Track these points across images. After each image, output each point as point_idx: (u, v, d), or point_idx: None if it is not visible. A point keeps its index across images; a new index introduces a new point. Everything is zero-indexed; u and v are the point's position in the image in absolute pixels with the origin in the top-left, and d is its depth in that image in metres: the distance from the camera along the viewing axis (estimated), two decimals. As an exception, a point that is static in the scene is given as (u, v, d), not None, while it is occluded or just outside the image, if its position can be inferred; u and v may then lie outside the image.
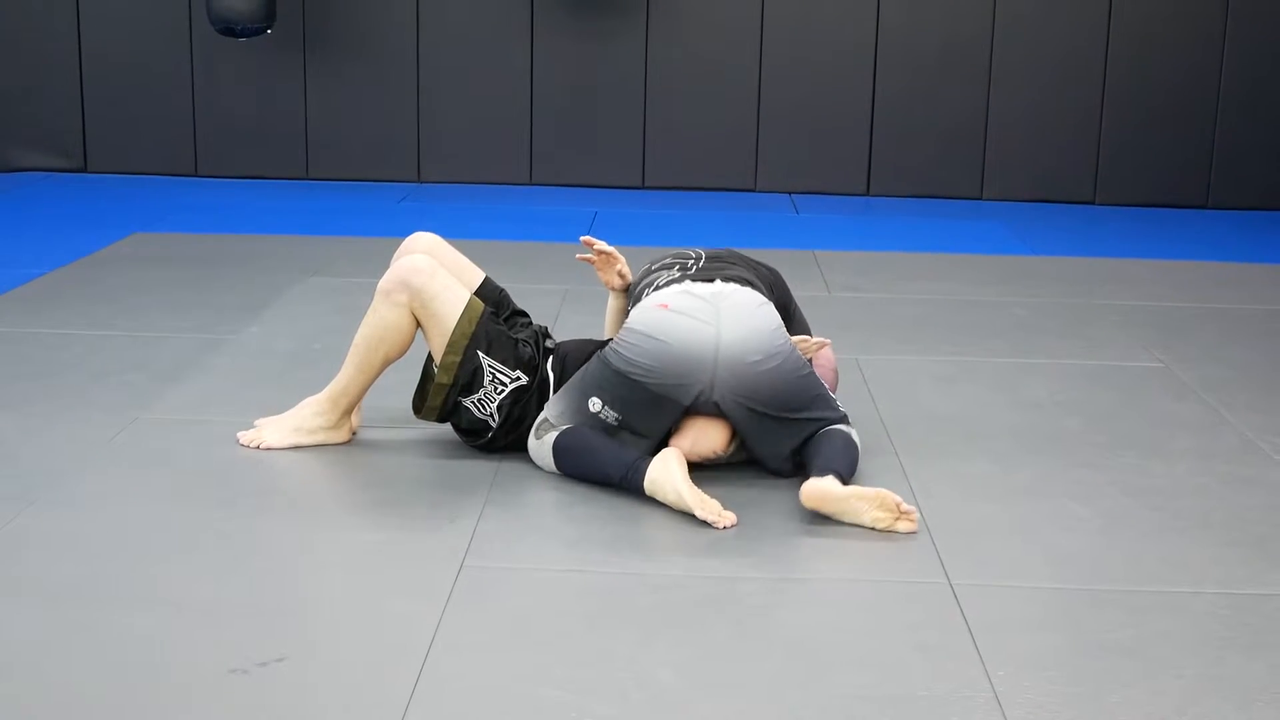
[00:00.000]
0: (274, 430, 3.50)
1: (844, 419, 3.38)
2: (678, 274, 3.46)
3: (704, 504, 3.08)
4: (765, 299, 3.40)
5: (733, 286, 3.36)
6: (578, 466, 3.29)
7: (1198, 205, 7.82)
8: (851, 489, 3.07)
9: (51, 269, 5.44)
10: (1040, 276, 5.80)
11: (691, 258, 3.57)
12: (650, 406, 3.28)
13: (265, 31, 7.51)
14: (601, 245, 3.67)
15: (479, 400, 3.40)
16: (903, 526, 3.06)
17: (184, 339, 4.48)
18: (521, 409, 3.42)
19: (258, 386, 3.99)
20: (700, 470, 3.35)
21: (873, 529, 3.05)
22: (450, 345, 3.37)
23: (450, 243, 3.66)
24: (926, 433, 3.72)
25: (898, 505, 3.06)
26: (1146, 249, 6.62)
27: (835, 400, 3.41)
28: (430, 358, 3.45)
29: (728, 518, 3.08)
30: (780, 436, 3.31)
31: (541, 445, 3.35)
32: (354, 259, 5.67)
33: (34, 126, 7.94)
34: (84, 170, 8.00)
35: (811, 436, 3.30)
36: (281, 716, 2.28)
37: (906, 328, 4.89)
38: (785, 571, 2.89)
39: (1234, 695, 2.40)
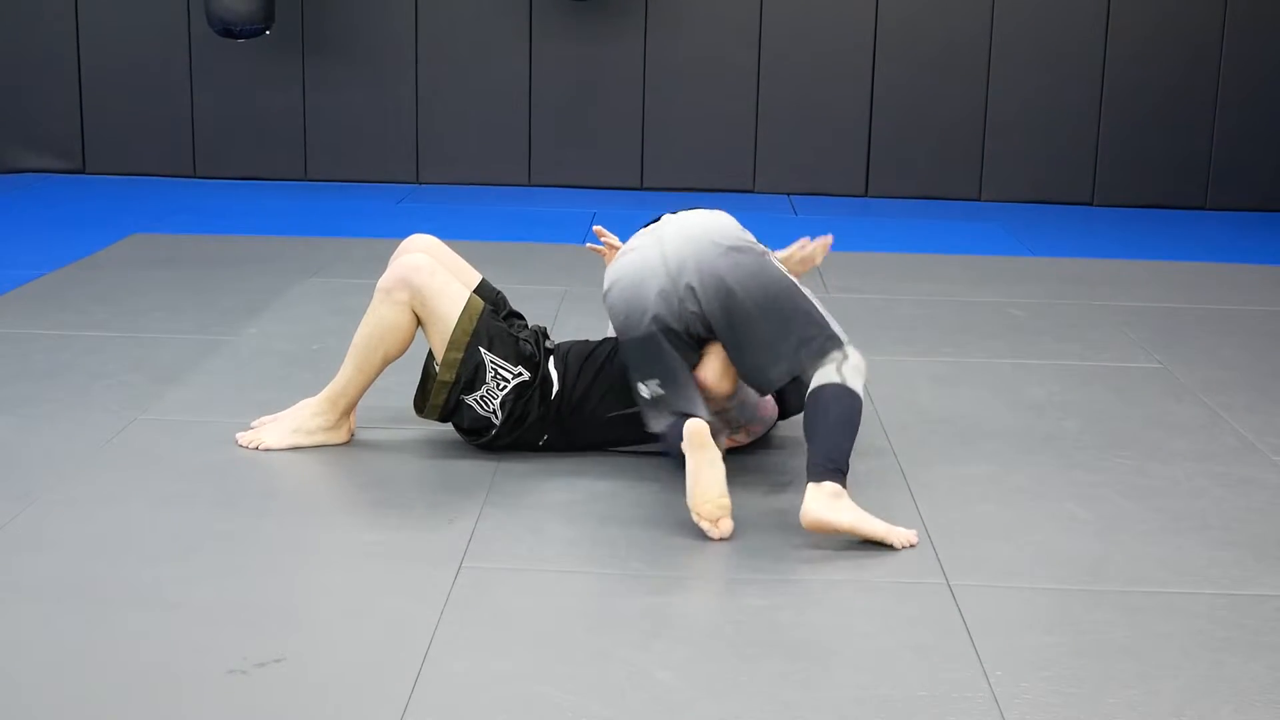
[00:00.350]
0: (272, 431, 3.50)
1: (836, 341, 3.19)
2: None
3: (704, 502, 2.99)
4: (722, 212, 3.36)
5: (681, 213, 3.37)
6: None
7: (1196, 206, 7.83)
8: (852, 522, 2.96)
9: (50, 270, 5.44)
10: (1039, 277, 5.80)
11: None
12: (651, 353, 3.20)
13: (264, 32, 7.52)
14: (611, 239, 3.68)
15: (481, 398, 3.40)
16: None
17: (183, 340, 4.48)
18: (524, 406, 3.42)
19: (257, 388, 4.00)
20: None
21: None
22: (452, 342, 3.36)
23: (449, 244, 3.66)
24: (925, 434, 3.72)
25: (907, 540, 2.99)
26: (1145, 250, 6.62)
27: (827, 319, 3.23)
28: (430, 356, 3.45)
29: (723, 528, 3.00)
30: (762, 341, 3.17)
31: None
32: (353, 260, 5.68)
33: (32, 127, 7.94)
34: (82, 171, 8.00)
35: (804, 366, 3.17)
36: (280, 717, 2.28)
37: (905, 329, 4.89)
38: (784, 572, 2.89)
39: (1232, 696, 2.40)
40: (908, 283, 5.62)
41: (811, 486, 2.98)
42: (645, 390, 3.23)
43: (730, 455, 3.45)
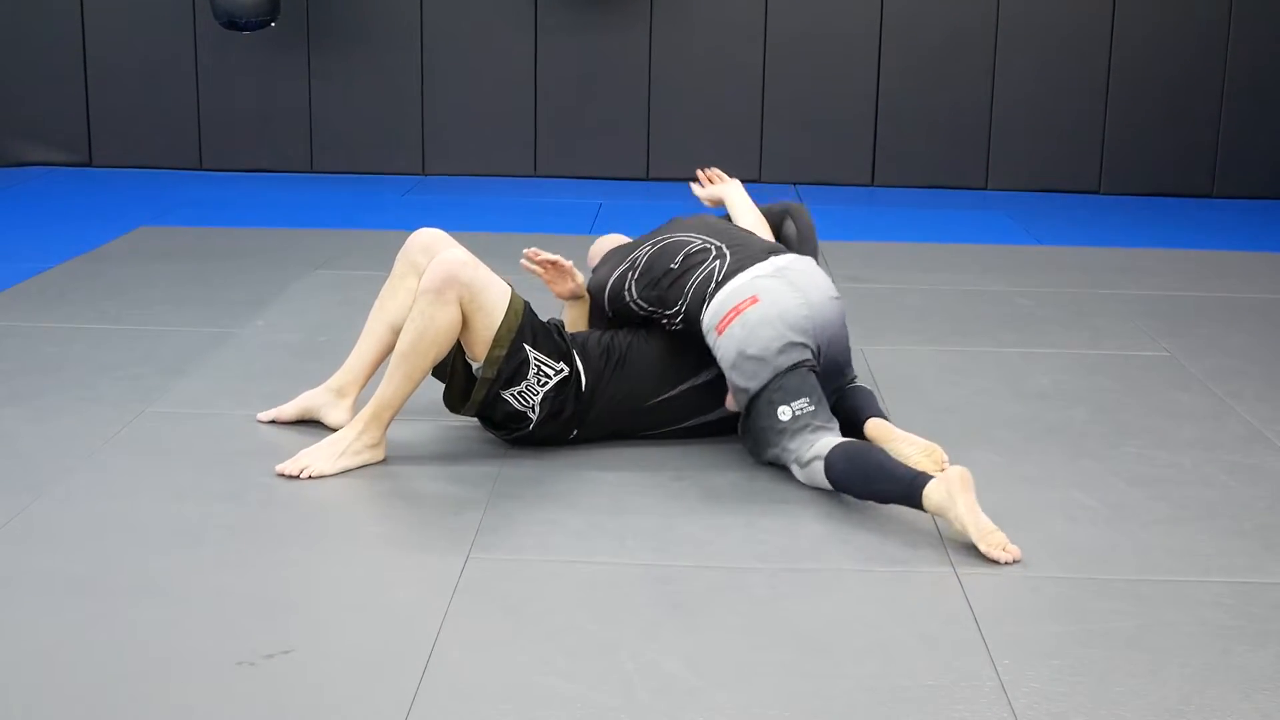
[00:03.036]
0: (319, 457, 3.32)
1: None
2: (718, 264, 3.45)
3: (988, 535, 2.91)
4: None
5: (789, 258, 3.48)
6: (852, 486, 3.16)
7: (1203, 194, 7.81)
8: (908, 434, 3.35)
9: (58, 263, 5.45)
10: (1045, 266, 5.79)
11: (704, 244, 3.55)
12: (803, 383, 3.28)
13: (269, 25, 7.52)
14: (547, 255, 3.65)
15: (519, 393, 3.38)
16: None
17: (190, 332, 4.49)
18: (561, 402, 3.41)
19: (264, 380, 4.00)
20: (704, 461, 3.37)
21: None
22: (497, 339, 3.33)
23: (455, 235, 3.65)
24: (931, 423, 3.71)
25: (942, 461, 3.27)
26: (1152, 238, 6.61)
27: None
28: (459, 352, 3.41)
29: (1013, 551, 2.89)
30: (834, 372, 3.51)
31: (811, 471, 3.23)
32: (359, 252, 5.68)
33: (38, 120, 7.94)
34: (88, 164, 8.01)
35: (840, 392, 3.53)
36: (287, 708, 2.29)
37: (911, 318, 4.89)
38: (791, 562, 2.89)
39: (1239, 685, 2.40)
40: (914, 272, 5.61)
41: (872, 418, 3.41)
42: (788, 412, 3.25)
43: (736, 447, 3.46)
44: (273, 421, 3.62)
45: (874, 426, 3.38)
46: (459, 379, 3.44)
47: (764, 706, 2.31)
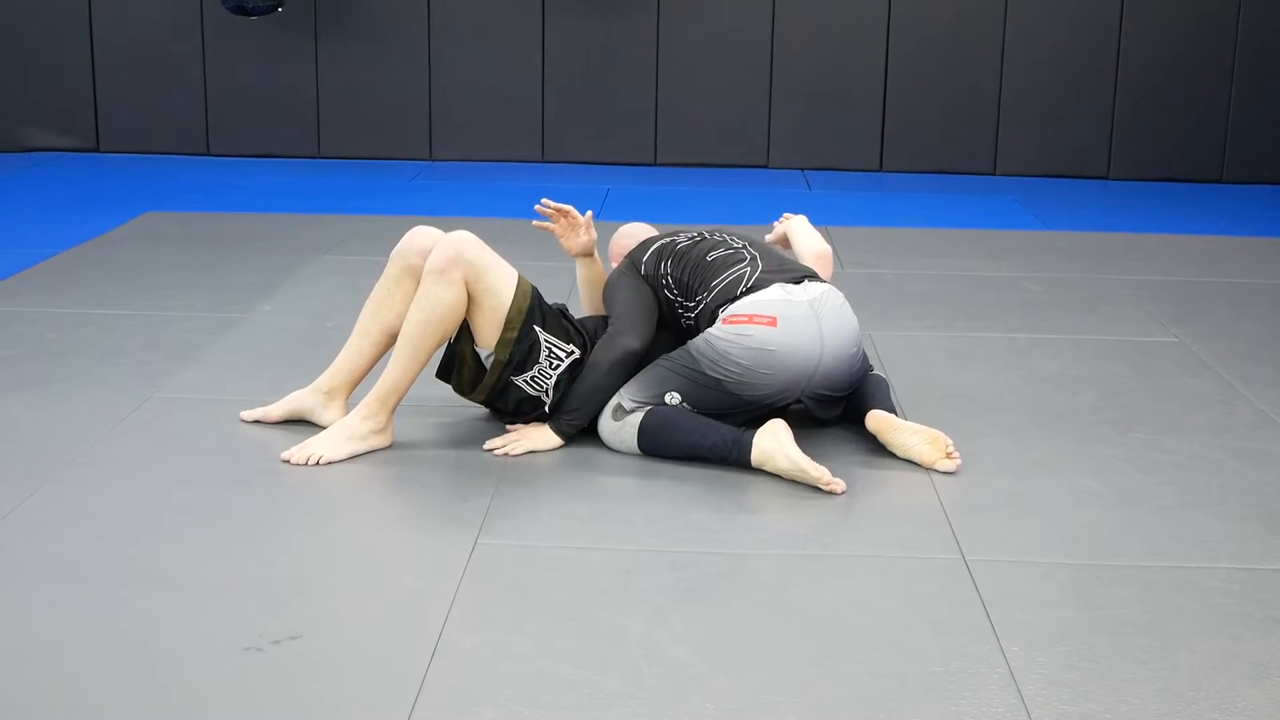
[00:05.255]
0: (327, 443, 3.31)
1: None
2: (748, 270, 3.44)
3: (817, 469, 3.14)
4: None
5: (823, 288, 3.42)
6: (668, 444, 3.30)
7: (1213, 179, 7.79)
8: (910, 423, 3.34)
9: (65, 249, 5.45)
10: (1054, 251, 5.78)
11: (740, 248, 3.55)
12: (735, 411, 3.35)
13: (276, 9, 7.51)
14: (558, 205, 3.63)
15: (532, 378, 3.37)
16: (944, 465, 3.26)
17: (197, 318, 4.49)
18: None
19: (271, 365, 4.00)
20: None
21: (914, 464, 3.30)
22: (508, 322, 3.32)
23: (462, 221, 3.63)
24: (940, 408, 3.71)
25: (946, 446, 3.28)
26: (1161, 223, 6.59)
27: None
28: (462, 337, 3.39)
29: (838, 484, 3.14)
30: (836, 407, 3.51)
31: (623, 426, 3.34)
32: (366, 237, 5.67)
33: (46, 106, 7.94)
34: (96, 150, 8.01)
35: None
36: (295, 694, 2.28)
37: (920, 303, 4.88)
38: (799, 548, 2.89)
39: (1249, 671, 2.40)
40: (922, 258, 5.60)
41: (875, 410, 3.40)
42: (675, 399, 3.34)
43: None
44: (257, 422, 3.53)
45: (874, 418, 3.36)
46: (468, 367, 3.42)
47: (772, 692, 2.30)
